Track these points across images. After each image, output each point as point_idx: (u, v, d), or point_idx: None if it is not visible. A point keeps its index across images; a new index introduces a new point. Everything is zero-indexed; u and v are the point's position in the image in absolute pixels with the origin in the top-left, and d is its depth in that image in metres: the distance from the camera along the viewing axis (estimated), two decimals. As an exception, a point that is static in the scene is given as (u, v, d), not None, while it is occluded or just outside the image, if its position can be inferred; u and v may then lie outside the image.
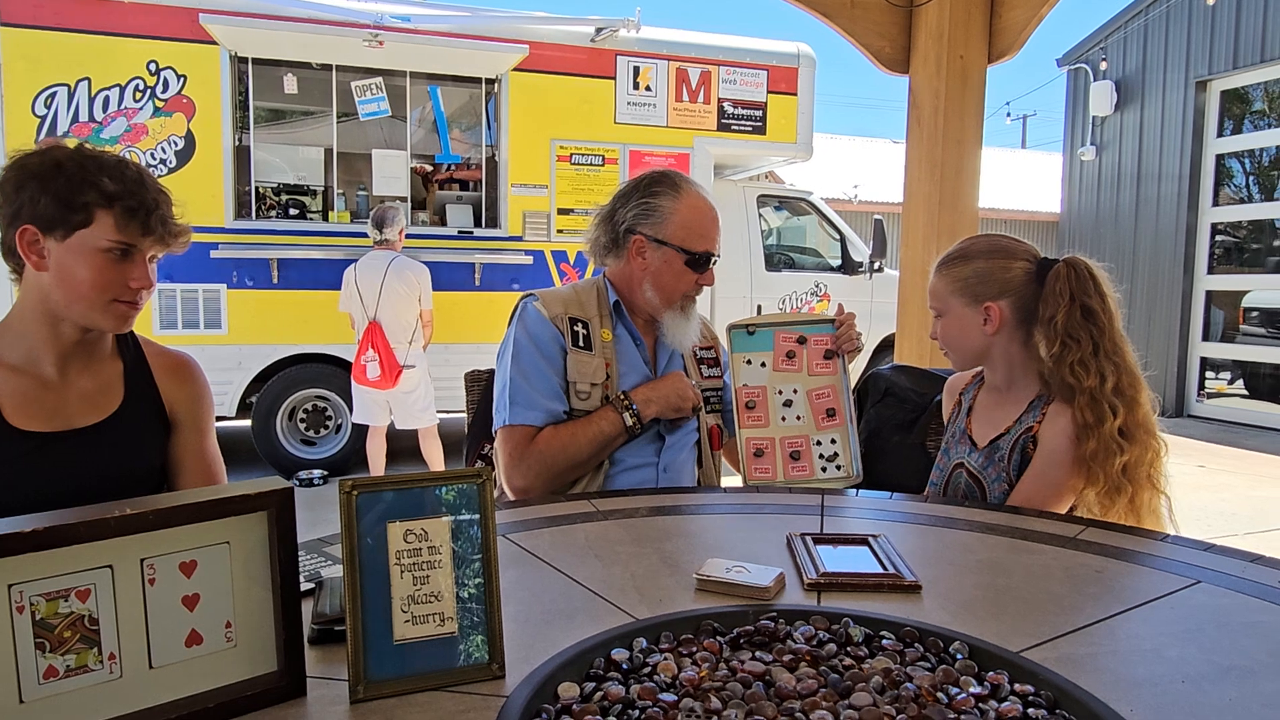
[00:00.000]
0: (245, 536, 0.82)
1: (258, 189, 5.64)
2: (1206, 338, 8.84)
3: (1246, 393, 8.89)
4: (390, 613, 0.84)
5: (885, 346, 7.08)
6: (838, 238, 7.46)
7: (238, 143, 5.44)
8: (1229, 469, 6.49)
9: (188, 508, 0.78)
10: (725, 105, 6.28)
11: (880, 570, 1.14)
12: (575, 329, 1.81)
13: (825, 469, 1.81)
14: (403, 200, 5.78)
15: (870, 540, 1.25)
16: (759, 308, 6.88)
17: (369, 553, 0.84)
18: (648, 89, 6.08)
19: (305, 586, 1.00)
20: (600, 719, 0.78)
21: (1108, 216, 9.73)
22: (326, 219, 5.81)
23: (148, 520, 0.76)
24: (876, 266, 7.30)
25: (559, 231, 5.96)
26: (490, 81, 5.89)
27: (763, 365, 1.85)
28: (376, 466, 5.00)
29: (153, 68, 5.12)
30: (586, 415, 1.77)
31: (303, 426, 5.71)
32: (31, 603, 0.71)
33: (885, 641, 0.93)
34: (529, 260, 5.91)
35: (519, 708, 0.78)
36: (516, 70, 5.78)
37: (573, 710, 0.79)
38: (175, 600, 0.79)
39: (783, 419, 1.83)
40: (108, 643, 0.75)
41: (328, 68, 5.59)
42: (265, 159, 5.75)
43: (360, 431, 5.20)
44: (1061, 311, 1.57)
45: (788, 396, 1.84)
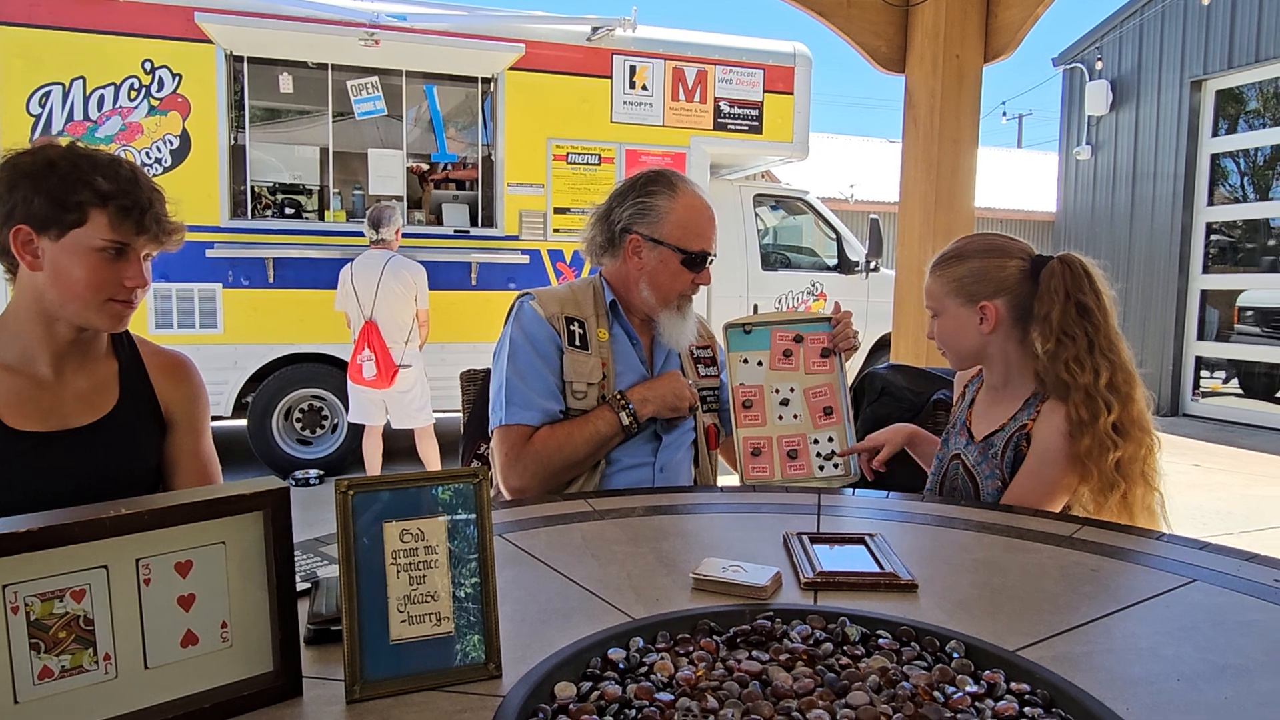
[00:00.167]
0: (241, 536, 0.82)
1: (253, 188, 5.62)
2: (1201, 337, 8.87)
3: (1241, 392, 8.92)
4: (386, 613, 0.84)
5: (881, 345, 7.09)
6: (834, 237, 7.47)
7: (233, 142, 5.42)
8: (1224, 468, 6.50)
9: (183, 508, 0.78)
10: (721, 105, 6.28)
11: (877, 569, 1.15)
12: (572, 328, 1.81)
13: (823, 468, 1.81)
14: (399, 199, 5.77)
15: (867, 539, 1.26)
16: (755, 307, 6.88)
17: (365, 552, 0.84)
18: (644, 88, 6.08)
19: (301, 586, 1.00)
20: (597, 718, 0.78)
21: (1103, 216, 9.75)
22: (322, 218, 5.80)
23: (143, 520, 0.76)
24: (873, 266, 7.32)
25: (555, 231, 5.96)
26: (486, 81, 5.88)
27: (759, 364, 1.85)
28: (373, 466, 4.99)
29: (148, 66, 5.11)
30: (583, 415, 1.77)
31: (299, 426, 5.70)
32: (26, 603, 0.71)
33: (882, 640, 0.93)
34: (525, 259, 5.91)
35: (515, 707, 0.78)
36: (513, 69, 5.78)
37: (569, 710, 0.79)
38: (171, 600, 0.78)
39: (779, 418, 1.83)
40: (103, 643, 0.75)
41: (323, 67, 5.58)
42: (261, 158, 5.74)
43: (356, 431, 5.21)
44: (1056, 309, 1.57)
45: (784, 395, 1.84)
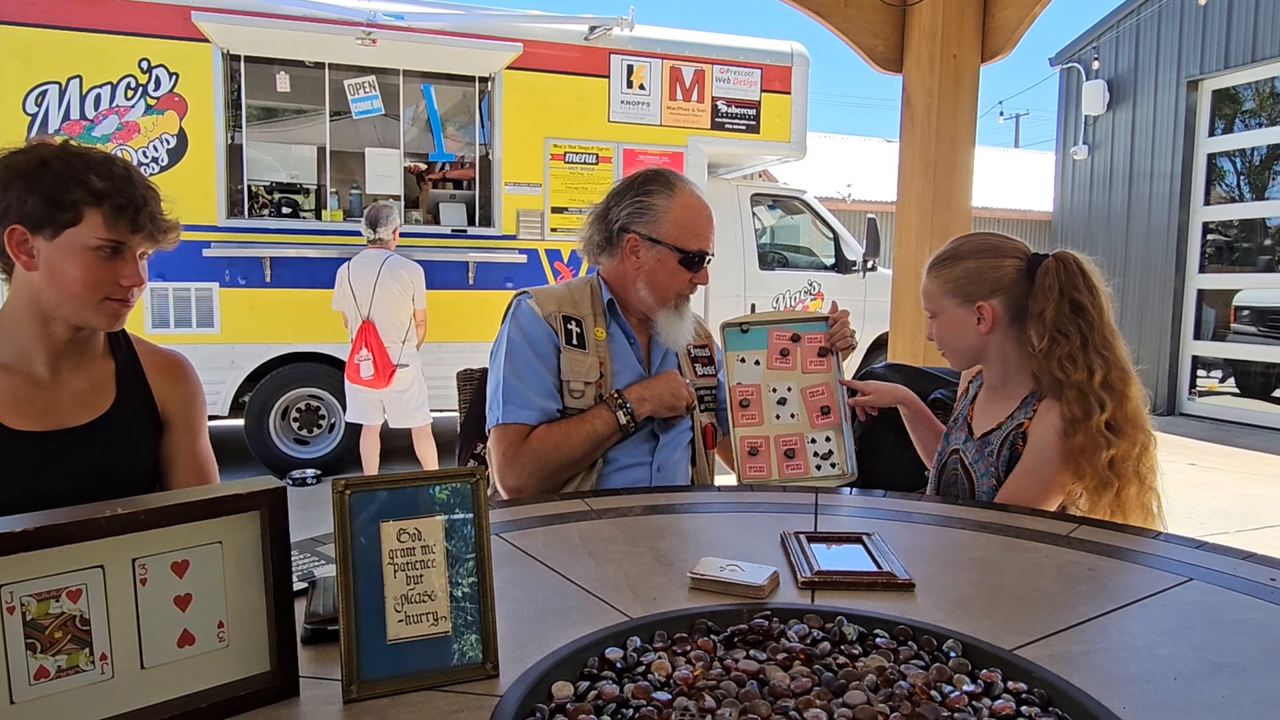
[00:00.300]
0: (238, 536, 0.81)
1: (250, 187, 5.62)
2: (1198, 336, 8.88)
3: (1238, 391, 8.94)
4: (384, 612, 0.84)
5: (879, 345, 7.10)
6: (831, 236, 7.47)
7: (230, 141, 5.41)
8: (1220, 467, 6.52)
9: (179, 507, 0.78)
10: (719, 104, 6.28)
11: (874, 569, 1.15)
12: (569, 327, 1.80)
13: (820, 467, 1.81)
14: (396, 199, 5.77)
15: (864, 539, 1.26)
16: (753, 306, 6.89)
17: (362, 552, 0.84)
18: (641, 87, 6.07)
19: (298, 586, 1.00)
20: (594, 718, 0.78)
21: (1100, 215, 9.76)
22: (319, 217, 5.79)
23: (139, 520, 0.76)
24: (870, 265, 7.32)
25: (553, 230, 5.96)
26: (484, 80, 5.88)
27: (757, 363, 1.85)
28: (370, 466, 4.99)
29: (144, 65, 5.10)
30: (580, 414, 1.76)
31: (296, 426, 5.69)
32: (22, 603, 0.71)
33: (879, 640, 0.93)
34: (523, 259, 5.91)
35: (513, 707, 0.78)
36: (510, 68, 5.77)
37: (567, 709, 0.79)
38: (167, 600, 0.78)
39: (777, 417, 1.83)
40: (99, 643, 0.75)
41: (321, 66, 5.57)
42: (258, 157, 5.73)
43: (354, 431, 5.20)
44: (1051, 307, 1.57)
45: (782, 395, 1.84)
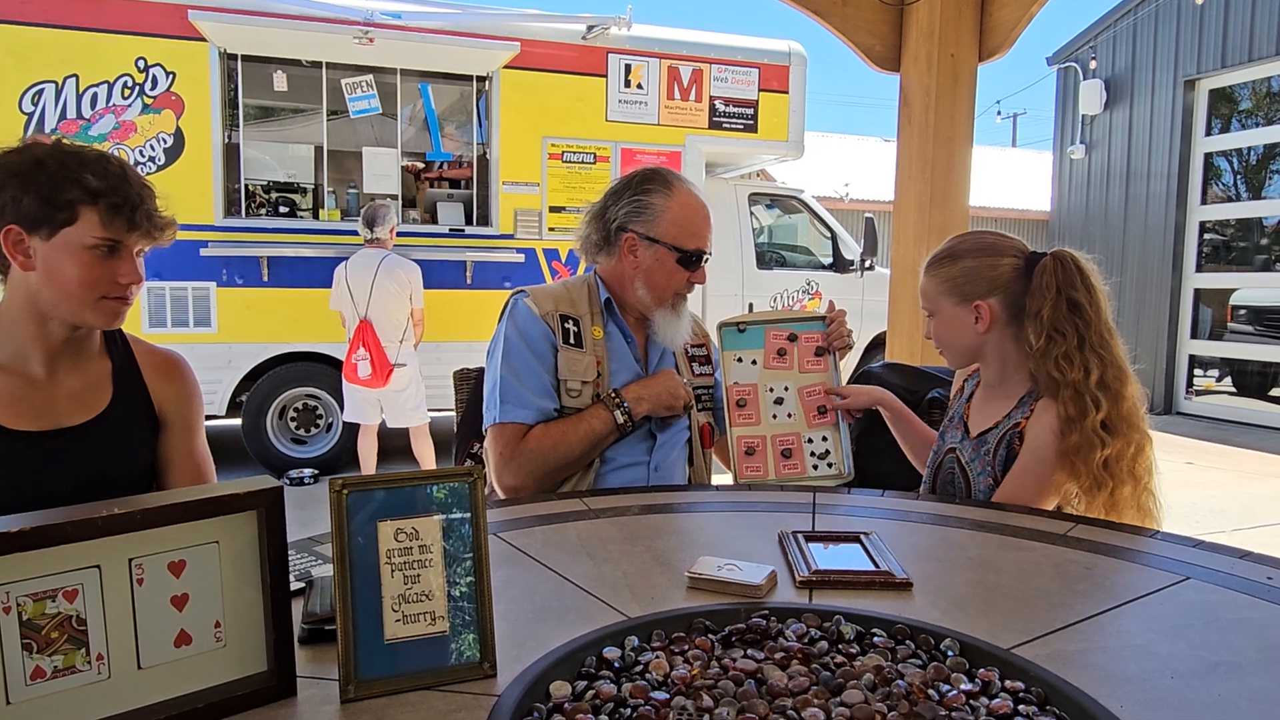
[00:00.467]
0: (235, 536, 0.81)
1: (247, 187, 5.61)
2: (1195, 335, 8.90)
3: (1234, 390, 8.95)
4: (381, 612, 0.84)
5: (877, 344, 7.10)
6: (829, 236, 7.47)
7: (227, 140, 5.41)
8: (1217, 466, 6.53)
9: (176, 507, 0.78)
10: (716, 103, 6.28)
11: (872, 568, 1.15)
12: (566, 326, 1.80)
13: (817, 466, 1.81)
14: (393, 198, 5.76)
15: (862, 538, 1.26)
16: (750, 305, 6.89)
17: (360, 552, 0.84)
18: (639, 87, 6.07)
19: (295, 586, 1.00)
20: (592, 717, 0.78)
21: (1097, 215, 9.77)
22: (317, 217, 5.79)
23: (135, 520, 0.75)
24: (868, 264, 7.32)
25: (550, 229, 5.96)
26: (481, 79, 5.88)
27: (754, 363, 1.85)
28: (367, 465, 4.99)
29: (141, 64, 5.09)
30: (577, 413, 1.76)
31: (293, 425, 5.69)
32: (18, 603, 0.71)
33: (877, 639, 0.93)
34: (520, 258, 5.91)
35: (510, 707, 0.78)
36: (508, 68, 5.77)
37: (564, 709, 0.79)
38: (164, 600, 0.78)
39: (774, 417, 1.83)
40: (96, 643, 0.75)
41: (318, 65, 5.57)
42: (255, 156, 5.72)
43: (351, 430, 5.19)
44: (1048, 305, 1.57)
45: (779, 394, 1.84)
